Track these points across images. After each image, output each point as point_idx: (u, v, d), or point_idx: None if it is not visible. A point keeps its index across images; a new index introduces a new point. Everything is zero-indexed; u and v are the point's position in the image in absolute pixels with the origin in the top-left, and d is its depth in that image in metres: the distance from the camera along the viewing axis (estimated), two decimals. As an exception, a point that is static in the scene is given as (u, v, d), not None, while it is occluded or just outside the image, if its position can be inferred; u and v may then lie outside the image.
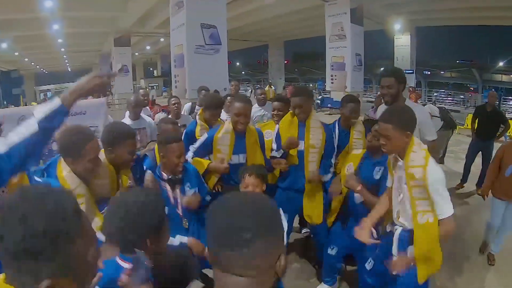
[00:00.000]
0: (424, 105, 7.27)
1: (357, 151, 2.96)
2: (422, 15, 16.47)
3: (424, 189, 2.01)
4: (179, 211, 2.42)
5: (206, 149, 2.95)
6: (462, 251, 3.94)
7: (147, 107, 5.65)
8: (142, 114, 4.13)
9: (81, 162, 1.92)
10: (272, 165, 3.04)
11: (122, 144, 2.17)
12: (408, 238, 2.14)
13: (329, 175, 3.15)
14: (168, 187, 2.41)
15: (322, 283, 3.20)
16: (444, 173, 2.06)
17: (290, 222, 3.23)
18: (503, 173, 3.49)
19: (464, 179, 6.15)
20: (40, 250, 0.69)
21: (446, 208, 2.00)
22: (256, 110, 4.83)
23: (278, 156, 3.06)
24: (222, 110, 4.36)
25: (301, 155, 3.07)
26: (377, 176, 2.65)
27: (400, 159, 2.13)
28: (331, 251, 2.98)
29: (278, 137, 3.14)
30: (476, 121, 6.17)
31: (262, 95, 5.28)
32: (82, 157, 1.91)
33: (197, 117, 3.56)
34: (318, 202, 3.15)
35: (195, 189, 2.52)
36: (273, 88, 16.68)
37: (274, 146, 3.16)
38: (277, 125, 3.26)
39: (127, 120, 3.88)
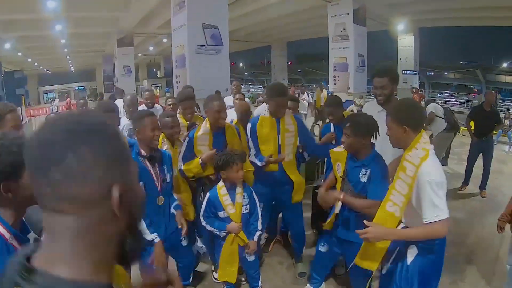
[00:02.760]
0: (428, 103, 7.06)
1: (341, 148, 2.71)
2: (425, 15, 16.37)
3: (406, 186, 2.02)
4: (158, 187, 2.57)
5: (192, 151, 3.09)
6: (465, 255, 3.89)
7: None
8: None
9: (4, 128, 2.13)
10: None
11: None
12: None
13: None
14: (148, 164, 2.53)
15: (308, 284, 3.18)
16: (447, 174, 2.03)
17: (267, 211, 3.43)
18: None
19: (466, 181, 6.10)
20: None
21: (431, 212, 1.92)
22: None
23: (259, 164, 3.20)
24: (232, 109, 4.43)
25: (279, 148, 3.25)
26: (363, 179, 2.51)
27: None
28: (322, 248, 2.92)
29: (253, 134, 3.27)
30: (473, 122, 6.11)
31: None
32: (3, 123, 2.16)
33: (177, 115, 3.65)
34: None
35: (170, 173, 2.69)
36: (325, 91, 12.55)
37: (251, 144, 3.31)
38: (250, 123, 3.36)
39: (124, 120, 3.82)
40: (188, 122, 3.62)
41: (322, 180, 4.19)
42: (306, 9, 14.91)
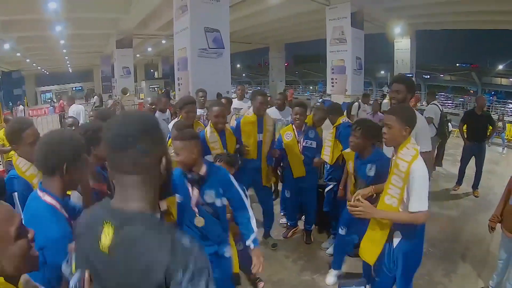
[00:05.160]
0: (430, 101, 6.99)
1: (350, 149, 3.25)
2: (422, 19, 16.55)
3: (401, 180, 2.27)
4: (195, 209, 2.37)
5: (204, 151, 3.34)
6: (458, 250, 4.09)
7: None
8: (157, 116, 4.26)
9: (22, 146, 2.18)
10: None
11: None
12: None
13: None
14: (189, 186, 2.37)
15: (331, 269, 3.51)
16: (442, 175, 2.26)
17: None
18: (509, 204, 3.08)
19: (459, 181, 6.34)
20: None
21: (417, 204, 2.19)
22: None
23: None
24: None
25: (260, 143, 3.94)
26: (370, 173, 2.94)
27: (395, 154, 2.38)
28: (342, 231, 3.34)
29: (238, 130, 3.92)
30: (466, 126, 6.29)
31: (279, 100, 5.48)
32: (23, 141, 2.18)
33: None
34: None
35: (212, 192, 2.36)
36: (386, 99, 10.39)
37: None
38: (236, 121, 4.08)
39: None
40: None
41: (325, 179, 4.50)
42: (305, 12, 15.02)
